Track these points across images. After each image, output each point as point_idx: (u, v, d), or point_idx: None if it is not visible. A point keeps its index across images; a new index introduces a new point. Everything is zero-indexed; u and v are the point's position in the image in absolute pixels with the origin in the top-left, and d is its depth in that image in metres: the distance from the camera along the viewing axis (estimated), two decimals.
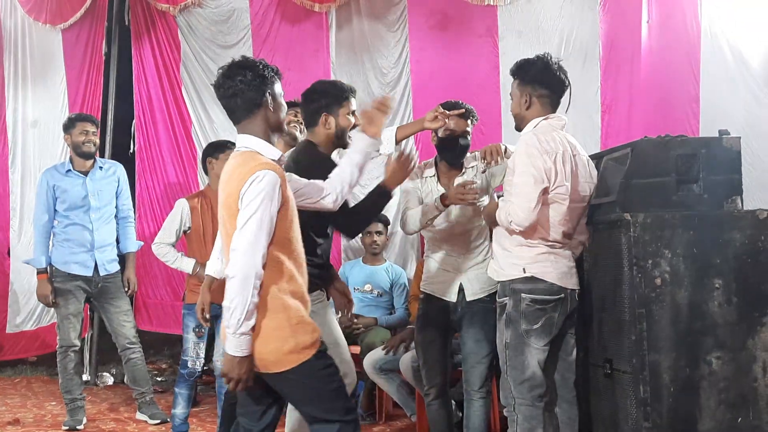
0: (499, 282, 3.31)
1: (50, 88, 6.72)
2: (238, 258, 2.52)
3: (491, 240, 3.47)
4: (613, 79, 5.28)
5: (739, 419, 3.14)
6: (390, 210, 5.73)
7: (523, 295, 3.14)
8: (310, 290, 2.87)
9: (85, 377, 5.99)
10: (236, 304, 2.49)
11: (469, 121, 3.74)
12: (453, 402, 4.32)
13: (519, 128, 3.37)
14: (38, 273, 4.93)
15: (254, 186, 2.54)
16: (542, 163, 3.09)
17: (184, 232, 4.61)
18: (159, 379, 6.28)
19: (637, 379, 3.11)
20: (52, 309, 5.24)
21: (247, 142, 2.71)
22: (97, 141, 5.08)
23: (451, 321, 3.76)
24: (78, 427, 4.83)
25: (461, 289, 3.72)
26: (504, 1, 5.51)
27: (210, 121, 6.26)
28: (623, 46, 5.23)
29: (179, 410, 4.51)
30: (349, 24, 6.00)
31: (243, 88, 2.68)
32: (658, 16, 5.08)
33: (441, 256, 3.80)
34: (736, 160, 3.36)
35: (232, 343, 2.52)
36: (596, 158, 3.71)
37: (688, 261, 3.14)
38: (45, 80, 6.76)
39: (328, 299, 3.57)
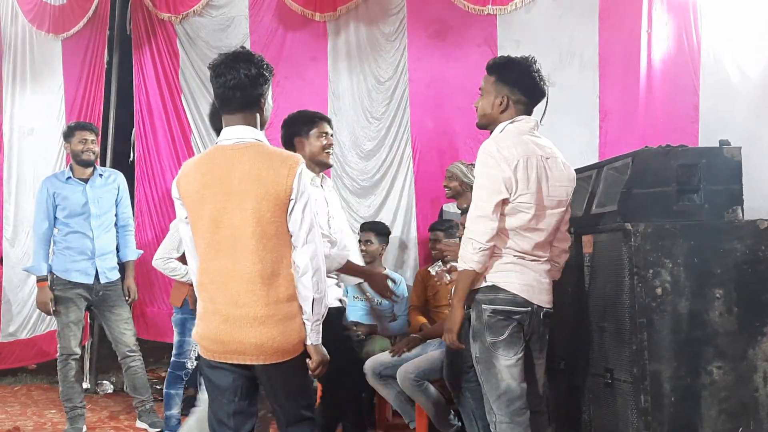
0: None
1: (47, 95, 6.74)
2: (318, 245, 2.64)
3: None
4: (612, 88, 5.28)
5: (740, 429, 3.15)
6: (387, 218, 5.75)
7: (483, 306, 2.99)
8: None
9: (84, 385, 5.98)
10: (324, 292, 2.62)
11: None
12: (452, 411, 4.35)
13: (482, 127, 3.19)
14: (38, 280, 4.92)
15: (304, 176, 2.63)
16: (499, 172, 2.91)
17: None
18: (159, 387, 6.26)
19: (638, 388, 3.12)
20: (48, 317, 5.22)
21: (254, 134, 2.70)
22: (97, 149, 5.06)
23: None
24: None
25: None
26: (503, 10, 5.52)
27: (208, 129, 6.26)
28: (622, 55, 5.23)
29: (176, 411, 4.50)
30: (348, 32, 6.02)
31: (246, 83, 2.68)
32: (658, 25, 5.08)
33: None
34: (737, 170, 3.38)
35: (316, 332, 2.65)
36: (597, 168, 3.74)
37: (689, 270, 3.16)
38: (42, 88, 6.79)
39: None
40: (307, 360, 2.66)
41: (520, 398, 2.99)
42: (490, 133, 3.13)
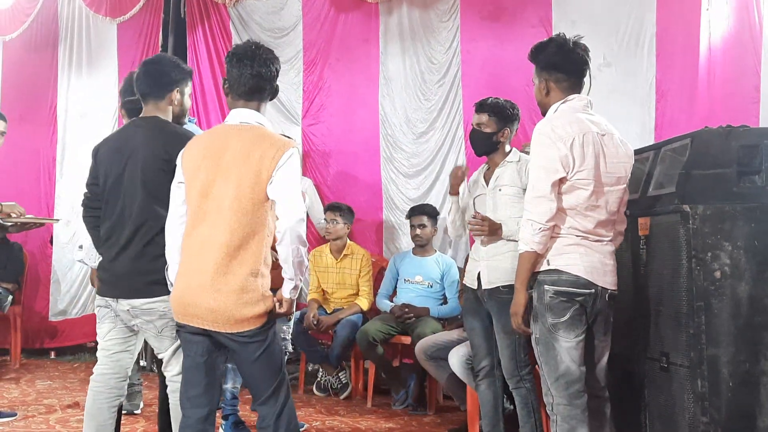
0: None
1: (102, 78, 6.87)
2: (296, 216, 2.78)
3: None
4: (669, 68, 5.18)
5: None
6: (438, 201, 5.73)
7: (546, 287, 2.98)
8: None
9: (142, 363, 6.11)
10: (303, 256, 2.80)
11: (487, 115, 3.83)
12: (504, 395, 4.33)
13: (544, 114, 3.20)
14: None
15: (293, 159, 2.77)
16: (555, 151, 2.91)
17: None
18: None
19: (694, 373, 3.06)
20: None
21: (257, 118, 2.89)
22: None
23: (485, 308, 3.79)
24: (135, 412, 4.92)
25: (479, 277, 3.76)
26: None
27: None
28: (681, 34, 5.12)
29: (230, 385, 4.55)
30: (400, 13, 6.01)
31: (275, 77, 2.92)
32: (718, 4, 4.94)
33: (475, 245, 3.87)
34: None
35: (291, 287, 2.84)
36: (654, 149, 3.67)
37: (749, 254, 3.08)
38: (97, 71, 6.92)
39: None
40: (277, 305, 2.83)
41: (578, 381, 2.98)
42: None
